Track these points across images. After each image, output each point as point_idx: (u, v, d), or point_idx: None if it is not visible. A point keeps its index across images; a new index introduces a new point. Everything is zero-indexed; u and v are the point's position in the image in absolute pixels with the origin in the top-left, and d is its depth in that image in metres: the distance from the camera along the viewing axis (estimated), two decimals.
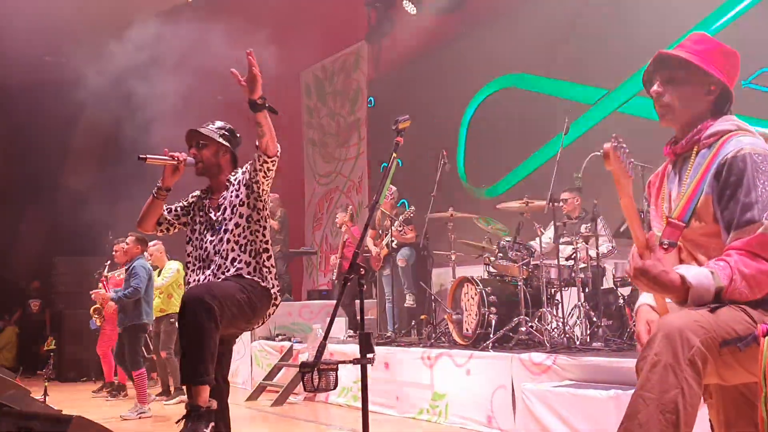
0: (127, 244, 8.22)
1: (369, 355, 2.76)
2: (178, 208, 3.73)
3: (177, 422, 3.13)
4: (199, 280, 3.49)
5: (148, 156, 3.48)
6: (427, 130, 8.86)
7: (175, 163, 3.52)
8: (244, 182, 3.54)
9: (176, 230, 3.76)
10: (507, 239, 6.40)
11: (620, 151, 2.00)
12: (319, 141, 13.57)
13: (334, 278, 9.41)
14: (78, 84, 12.94)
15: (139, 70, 12.12)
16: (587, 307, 5.91)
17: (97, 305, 8.59)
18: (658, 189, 2.46)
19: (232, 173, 3.65)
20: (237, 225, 3.47)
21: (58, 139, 13.69)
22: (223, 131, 3.66)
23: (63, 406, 6.84)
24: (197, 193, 3.75)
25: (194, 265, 3.56)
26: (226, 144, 3.64)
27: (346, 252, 8.97)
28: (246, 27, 11.13)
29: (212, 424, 3.11)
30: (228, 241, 3.45)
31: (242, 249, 3.45)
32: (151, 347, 8.61)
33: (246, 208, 3.50)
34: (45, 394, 7.03)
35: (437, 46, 10.58)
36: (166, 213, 3.70)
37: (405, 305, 7.79)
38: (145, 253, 8.13)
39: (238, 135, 3.75)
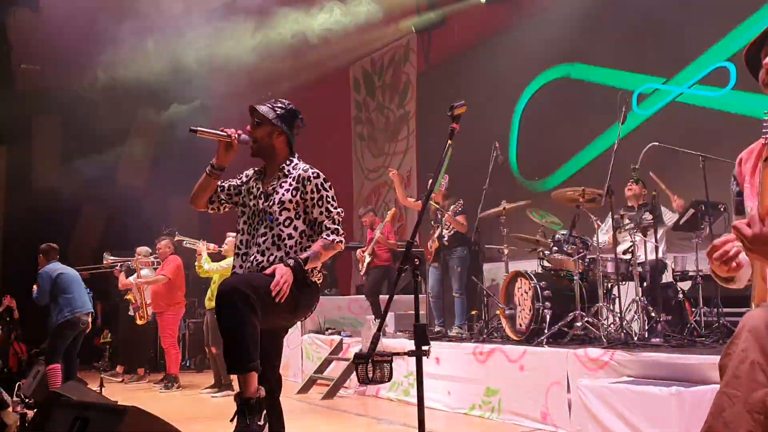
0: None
1: (424, 348, 2.69)
2: (231, 187, 3.60)
3: (231, 420, 3.10)
4: (242, 266, 3.41)
5: (199, 129, 3.37)
6: (478, 122, 8.72)
7: (228, 139, 3.39)
8: (300, 192, 3.39)
9: (227, 209, 3.63)
10: (562, 232, 6.25)
11: None
12: (368, 135, 13.53)
13: (361, 274, 9.41)
14: (132, 85, 13.22)
15: (192, 66, 12.29)
16: (645, 302, 5.73)
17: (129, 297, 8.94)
18: (753, 166, 2.30)
19: (288, 161, 3.48)
20: (291, 237, 3.37)
21: (114, 138, 13.98)
22: (281, 110, 3.46)
23: (118, 397, 6.94)
24: (251, 172, 3.60)
25: (239, 249, 3.46)
26: (281, 125, 3.45)
27: (375, 249, 8.96)
28: (294, 18, 11.22)
29: (264, 412, 3.07)
30: (278, 247, 3.34)
31: (288, 247, 3.36)
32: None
33: (300, 222, 3.40)
34: (101, 385, 7.17)
35: (489, 36, 10.44)
36: (219, 190, 3.57)
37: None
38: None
39: (300, 116, 3.53)
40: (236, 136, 3.41)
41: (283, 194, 3.38)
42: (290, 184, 3.40)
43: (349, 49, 12.44)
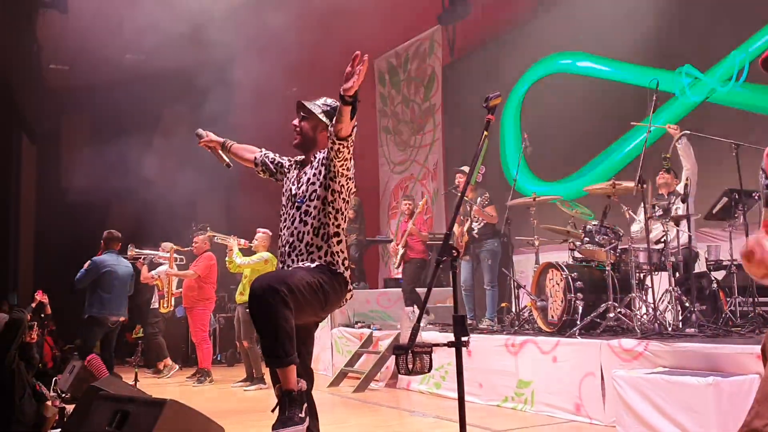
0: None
1: (463, 339, 2.70)
2: (278, 163, 3.78)
3: (273, 410, 3.13)
4: (281, 252, 3.53)
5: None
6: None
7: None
8: (323, 162, 3.51)
9: (265, 177, 3.84)
10: (593, 223, 6.21)
11: None
12: (393, 129, 13.53)
13: (396, 267, 9.42)
14: (159, 81, 13.33)
15: (216, 63, 12.38)
16: (679, 292, 5.69)
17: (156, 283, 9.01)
18: None
19: (320, 151, 3.61)
20: (315, 207, 3.45)
21: (141, 135, 14.11)
22: (327, 108, 3.63)
23: (152, 391, 7.03)
24: (298, 158, 3.76)
25: (279, 234, 3.59)
26: (325, 120, 3.58)
27: (409, 241, 8.95)
28: (318, 14, 11.25)
29: (305, 405, 3.09)
30: (305, 223, 3.43)
31: (316, 232, 3.41)
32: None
33: (322, 189, 3.46)
34: (135, 379, 7.28)
35: (514, 27, 10.38)
36: (268, 159, 3.81)
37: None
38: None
39: None
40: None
41: (310, 177, 3.52)
42: (315, 167, 3.54)
43: (374, 43, 12.42)
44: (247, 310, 8.35)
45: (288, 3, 11.52)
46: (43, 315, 9.74)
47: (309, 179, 3.51)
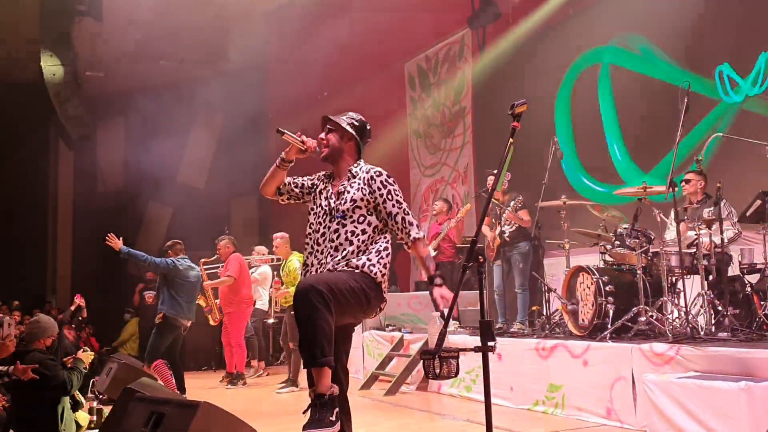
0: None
1: (490, 344, 2.73)
2: (303, 185, 3.81)
3: (304, 412, 3.19)
4: (314, 263, 3.57)
5: (285, 132, 3.64)
6: (536, 116, 8.63)
7: (302, 147, 3.66)
8: (362, 187, 3.59)
9: (291, 202, 3.85)
10: (624, 226, 6.17)
11: None
12: (423, 132, 13.53)
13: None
14: (193, 86, 13.52)
15: (250, 68, 12.55)
16: (712, 296, 5.62)
17: (199, 302, 9.05)
18: None
19: (356, 164, 3.71)
20: (361, 216, 3.53)
21: (175, 140, 14.34)
22: (352, 120, 3.76)
23: (187, 393, 7.16)
24: (322, 174, 3.84)
25: (312, 247, 3.62)
26: (351, 131, 3.71)
27: (441, 244, 8.96)
28: (349, 18, 11.34)
29: (336, 409, 3.15)
30: (351, 232, 3.49)
31: (360, 241, 3.48)
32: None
33: (365, 204, 3.56)
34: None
35: (544, 29, 10.33)
36: (292, 184, 3.79)
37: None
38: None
39: (368, 128, 3.81)
40: (309, 146, 3.67)
41: (354, 193, 3.58)
42: (359, 184, 3.60)
43: (404, 46, 12.47)
44: (293, 313, 8.45)
45: (319, 9, 11.63)
46: (81, 318, 9.93)
47: (353, 198, 3.57)
